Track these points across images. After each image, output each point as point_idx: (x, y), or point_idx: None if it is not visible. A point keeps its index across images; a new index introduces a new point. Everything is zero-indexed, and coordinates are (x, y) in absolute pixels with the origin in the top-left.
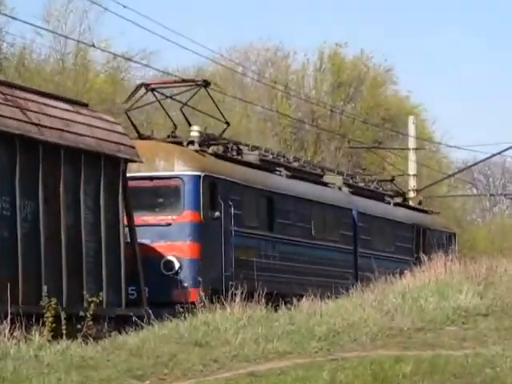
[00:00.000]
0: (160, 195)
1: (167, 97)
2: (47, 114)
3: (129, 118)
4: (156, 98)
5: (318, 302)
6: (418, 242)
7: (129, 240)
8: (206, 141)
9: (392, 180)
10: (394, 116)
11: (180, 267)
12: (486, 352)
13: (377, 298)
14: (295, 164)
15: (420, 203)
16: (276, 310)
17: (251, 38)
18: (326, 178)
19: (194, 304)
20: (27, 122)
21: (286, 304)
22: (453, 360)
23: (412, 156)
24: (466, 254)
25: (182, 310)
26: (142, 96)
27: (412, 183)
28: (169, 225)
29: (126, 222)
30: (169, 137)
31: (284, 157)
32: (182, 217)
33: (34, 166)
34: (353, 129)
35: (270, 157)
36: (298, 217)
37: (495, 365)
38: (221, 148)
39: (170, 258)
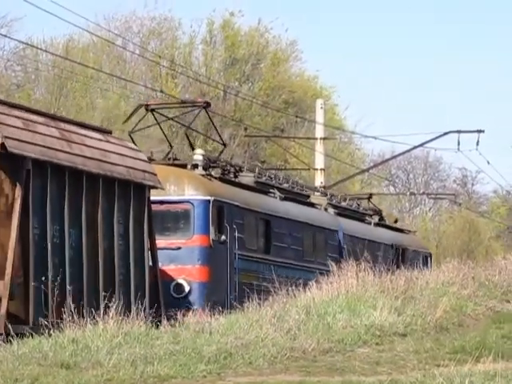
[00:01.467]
0: (170, 219)
1: (169, 118)
2: (87, 145)
3: (133, 141)
4: (155, 119)
5: (208, 317)
6: (397, 262)
7: (151, 264)
8: (207, 163)
9: (369, 198)
10: (299, 99)
11: (190, 290)
12: (403, 379)
13: (277, 313)
14: (285, 185)
15: (396, 221)
16: None
17: (134, 5)
18: (313, 199)
19: None
20: (73, 154)
21: None
22: None
23: (320, 147)
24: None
25: None
26: (144, 117)
27: (319, 178)
28: (179, 248)
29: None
30: (169, 159)
31: (275, 178)
32: (192, 241)
33: (78, 196)
34: (250, 114)
35: (264, 178)
36: (291, 239)
37: None
38: (219, 170)
39: (180, 281)
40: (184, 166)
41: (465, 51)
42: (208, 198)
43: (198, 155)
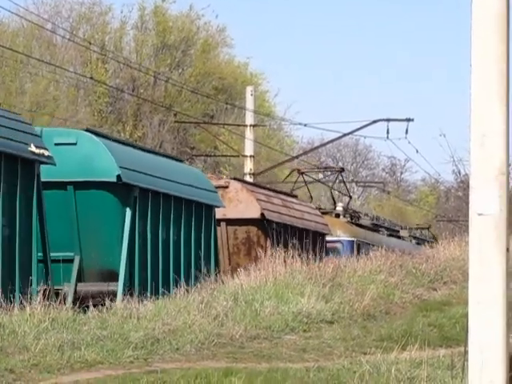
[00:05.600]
0: (327, 254)
1: (315, 180)
2: (294, 209)
3: (294, 196)
4: (304, 180)
5: (136, 303)
6: None
7: None
8: (344, 212)
9: (429, 228)
10: (229, 86)
11: None
12: (330, 366)
13: (204, 299)
14: (386, 224)
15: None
16: None
17: None
18: (401, 233)
19: None
20: (290, 215)
21: None
22: (292, 374)
23: (249, 134)
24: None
25: None
26: (297, 180)
27: (249, 165)
28: None
29: None
30: (315, 209)
31: (379, 219)
32: None
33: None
34: (180, 100)
35: (375, 221)
36: None
37: (341, 381)
38: (349, 216)
39: None
40: (326, 213)
41: (395, 39)
42: (353, 239)
43: (340, 207)
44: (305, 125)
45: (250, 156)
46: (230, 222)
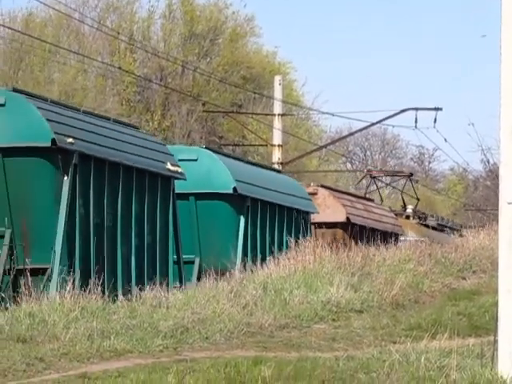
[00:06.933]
0: None
1: (387, 184)
2: (373, 212)
3: (367, 199)
4: (376, 184)
5: (165, 292)
6: None
7: None
8: (414, 214)
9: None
10: (258, 75)
11: None
12: (359, 355)
13: (233, 288)
14: (449, 224)
15: None
16: None
17: None
18: (464, 232)
19: None
20: (369, 218)
21: None
22: (321, 363)
23: (277, 123)
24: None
25: None
26: (369, 184)
27: (277, 155)
28: None
29: None
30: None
31: (442, 219)
32: None
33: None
34: (208, 89)
35: (440, 221)
36: None
37: (370, 370)
38: (417, 217)
39: None
40: (397, 215)
41: (424, 28)
42: (422, 238)
43: (410, 210)
44: (333, 114)
45: (278, 145)
46: (319, 225)
